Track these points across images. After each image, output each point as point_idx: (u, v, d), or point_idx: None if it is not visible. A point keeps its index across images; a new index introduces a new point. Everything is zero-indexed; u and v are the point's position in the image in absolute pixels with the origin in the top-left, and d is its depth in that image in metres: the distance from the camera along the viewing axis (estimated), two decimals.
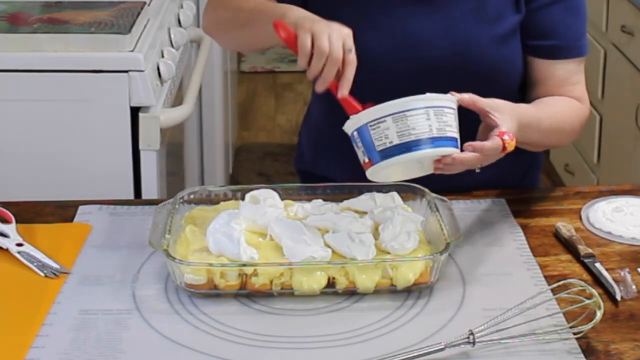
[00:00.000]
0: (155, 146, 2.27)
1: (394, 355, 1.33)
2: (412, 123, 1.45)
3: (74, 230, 1.67)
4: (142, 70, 2.23)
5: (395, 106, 1.46)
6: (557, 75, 1.77)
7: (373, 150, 1.46)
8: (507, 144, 1.51)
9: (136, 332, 1.40)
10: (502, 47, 1.74)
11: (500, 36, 1.74)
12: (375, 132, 1.46)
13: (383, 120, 1.45)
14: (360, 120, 1.47)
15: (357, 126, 1.48)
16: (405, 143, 1.45)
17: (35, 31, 2.30)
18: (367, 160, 1.48)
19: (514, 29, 1.75)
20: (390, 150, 1.45)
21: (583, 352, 1.35)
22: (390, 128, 1.45)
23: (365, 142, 1.47)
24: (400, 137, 1.45)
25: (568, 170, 3.82)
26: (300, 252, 1.46)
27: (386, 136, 1.45)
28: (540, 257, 1.59)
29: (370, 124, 1.46)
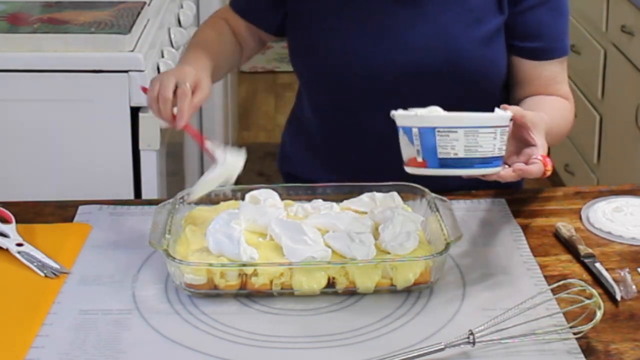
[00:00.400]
0: (155, 146, 2.27)
1: (394, 355, 1.33)
2: (481, 140, 1.46)
3: (74, 230, 1.67)
4: (142, 70, 2.23)
5: (470, 120, 1.46)
6: (544, 75, 1.79)
7: (433, 155, 1.46)
8: (547, 171, 1.54)
9: (136, 332, 1.40)
10: (487, 48, 1.76)
11: (485, 38, 1.75)
12: (443, 138, 1.46)
13: (455, 130, 1.45)
14: (429, 121, 1.47)
15: (423, 125, 1.47)
16: (470, 159, 1.46)
17: (35, 31, 2.30)
18: (422, 160, 1.47)
19: (498, 30, 1.77)
20: (453, 161, 1.46)
21: (583, 352, 1.35)
22: (459, 140, 1.45)
23: (426, 144, 1.47)
24: (466, 151, 1.46)
25: (568, 170, 3.82)
26: (300, 252, 1.46)
27: (452, 147, 1.46)
28: (540, 257, 1.59)
29: (439, 130, 1.46)
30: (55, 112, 2.24)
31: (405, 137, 1.49)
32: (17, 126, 2.26)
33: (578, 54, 3.68)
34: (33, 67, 2.24)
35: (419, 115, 1.48)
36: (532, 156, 1.53)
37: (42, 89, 2.24)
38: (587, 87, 3.61)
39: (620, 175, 3.27)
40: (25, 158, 2.27)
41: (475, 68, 1.74)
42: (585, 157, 3.63)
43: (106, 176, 2.27)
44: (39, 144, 2.26)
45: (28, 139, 2.26)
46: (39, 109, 2.25)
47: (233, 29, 1.90)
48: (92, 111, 2.24)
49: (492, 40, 1.76)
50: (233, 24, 1.90)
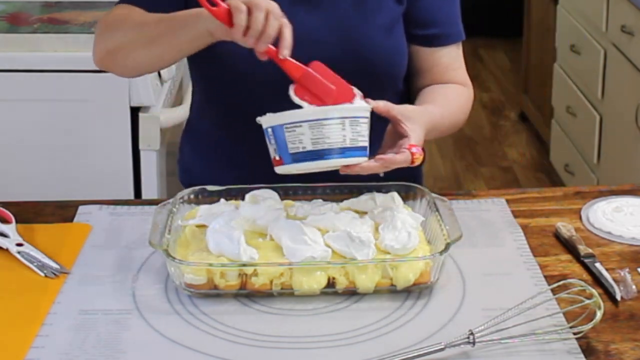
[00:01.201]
0: (155, 146, 2.27)
1: (394, 355, 1.33)
2: (327, 132, 1.49)
3: (74, 230, 1.67)
4: None
5: (314, 113, 1.50)
6: (442, 62, 1.82)
7: (285, 151, 1.50)
8: (415, 159, 1.56)
9: (136, 332, 1.40)
10: (387, 38, 1.77)
11: (384, 27, 1.77)
12: (290, 134, 1.49)
13: (299, 125, 1.49)
14: (276, 120, 1.50)
15: (273, 124, 1.51)
16: (318, 151, 1.49)
17: (35, 31, 2.30)
18: (278, 158, 1.51)
19: (397, 18, 1.78)
20: (302, 155, 1.50)
21: (583, 352, 1.35)
22: (305, 134, 1.49)
23: (278, 142, 1.51)
24: (314, 144, 1.49)
25: (568, 170, 3.81)
26: (300, 252, 1.46)
27: (300, 141, 1.49)
28: (540, 257, 1.59)
29: (286, 126, 1.49)
30: (55, 112, 2.25)
31: (266, 139, 1.53)
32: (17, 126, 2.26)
33: (578, 54, 3.68)
34: (33, 67, 2.24)
35: (270, 115, 1.51)
36: (402, 146, 1.56)
37: (42, 89, 2.24)
38: (587, 87, 3.61)
39: (620, 175, 3.26)
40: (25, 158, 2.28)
41: (378, 58, 1.75)
42: (585, 157, 3.63)
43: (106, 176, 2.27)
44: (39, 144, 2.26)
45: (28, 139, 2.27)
46: (39, 109, 2.25)
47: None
48: (92, 111, 2.24)
49: (393, 30, 1.78)
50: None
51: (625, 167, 3.25)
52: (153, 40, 1.65)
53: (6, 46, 2.25)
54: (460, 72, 1.85)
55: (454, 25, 1.84)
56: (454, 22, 1.84)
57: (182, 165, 1.95)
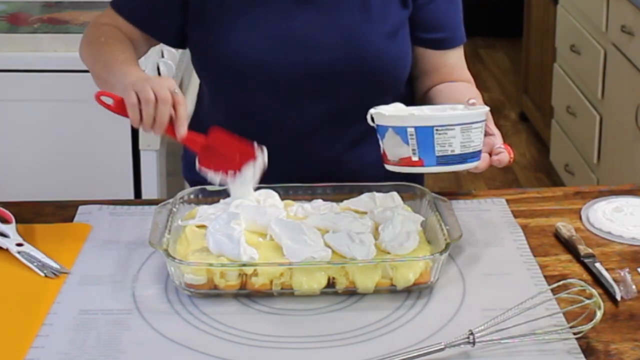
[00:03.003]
0: (155, 146, 2.27)
1: (394, 355, 1.33)
2: (473, 136, 1.51)
3: (74, 230, 1.67)
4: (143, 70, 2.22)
5: (466, 117, 1.51)
6: (449, 63, 1.85)
7: (431, 153, 1.50)
8: (512, 158, 1.61)
9: (136, 332, 1.40)
10: (393, 43, 1.78)
11: (390, 32, 1.77)
12: (441, 136, 1.49)
13: (452, 128, 1.49)
14: (426, 121, 1.50)
15: (420, 124, 1.50)
16: (464, 154, 1.51)
17: (35, 31, 2.30)
18: (418, 159, 1.51)
19: (402, 23, 1.80)
20: (450, 158, 1.50)
21: (583, 352, 1.35)
22: (456, 137, 1.50)
23: (422, 142, 1.50)
24: (462, 147, 1.50)
25: (568, 170, 3.81)
26: (300, 252, 1.46)
27: (450, 144, 1.50)
28: (540, 257, 1.59)
29: (437, 128, 1.49)
30: (55, 112, 2.25)
31: (397, 137, 1.51)
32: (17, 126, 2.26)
33: (578, 54, 3.68)
34: (33, 67, 2.24)
35: (416, 115, 1.52)
36: (494, 146, 1.60)
37: (42, 89, 2.24)
38: (587, 87, 3.61)
39: (620, 175, 3.26)
40: (25, 158, 2.28)
41: (382, 63, 1.76)
42: (585, 157, 3.63)
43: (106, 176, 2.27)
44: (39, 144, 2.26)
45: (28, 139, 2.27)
46: (39, 109, 2.25)
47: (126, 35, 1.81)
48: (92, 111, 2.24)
49: (398, 35, 1.79)
50: (125, 31, 1.80)
51: (625, 167, 3.25)
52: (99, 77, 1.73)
53: (6, 46, 2.25)
54: (465, 71, 1.88)
55: (458, 29, 1.86)
56: (458, 26, 1.86)
57: (186, 161, 1.95)
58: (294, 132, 1.77)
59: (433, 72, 1.85)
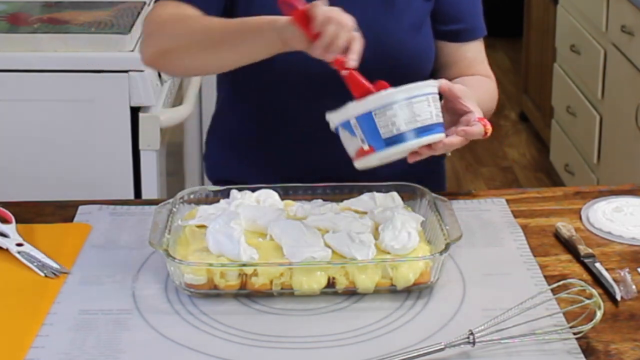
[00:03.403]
0: (155, 146, 2.27)
1: (394, 355, 1.33)
2: (417, 110, 1.47)
3: (74, 230, 1.67)
4: (142, 70, 2.23)
5: (402, 93, 1.47)
6: (467, 56, 1.85)
7: (377, 138, 1.47)
8: (488, 130, 1.57)
9: (136, 332, 1.40)
10: (416, 36, 1.79)
11: (413, 26, 1.78)
12: (381, 119, 1.46)
13: (390, 107, 1.46)
14: (363, 107, 1.47)
15: (359, 113, 1.47)
16: (411, 130, 1.47)
17: (35, 31, 2.30)
18: (368, 147, 1.48)
19: (425, 17, 1.80)
20: (397, 137, 1.47)
21: (583, 352, 1.35)
22: (397, 115, 1.46)
23: (367, 129, 1.47)
24: (407, 124, 1.47)
25: (568, 170, 3.81)
26: (300, 252, 1.46)
27: (393, 123, 1.46)
28: (540, 257, 1.59)
29: (375, 112, 1.46)
30: (55, 112, 2.25)
31: (345, 132, 1.49)
32: (17, 126, 2.26)
33: (578, 54, 3.68)
34: (33, 67, 2.24)
35: (351, 105, 1.48)
36: (471, 120, 1.57)
37: (42, 89, 2.24)
38: (587, 87, 3.61)
39: (620, 175, 3.27)
40: (25, 158, 2.28)
41: (407, 57, 1.77)
42: (585, 157, 3.63)
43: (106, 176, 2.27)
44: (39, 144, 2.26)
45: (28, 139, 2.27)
46: (39, 109, 2.25)
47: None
48: (92, 111, 2.24)
49: (422, 28, 1.79)
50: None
51: (625, 167, 3.25)
52: (217, 44, 1.63)
53: (6, 46, 2.25)
54: (484, 65, 1.87)
55: (477, 21, 1.86)
56: (477, 17, 1.86)
57: (208, 161, 1.96)
58: (319, 127, 1.74)
59: (452, 65, 1.85)
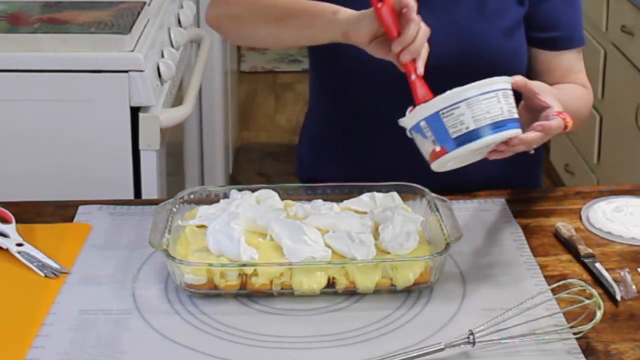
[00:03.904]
0: (155, 146, 2.27)
1: (394, 355, 1.33)
2: (486, 107, 1.45)
3: (74, 230, 1.67)
4: (142, 70, 2.23)
5: (469, 91, 1.46)
6: (563, 65, 1.82)
7: (447, 138, 1.45)
8: (568, 123, 1.53)
9: (136, 332, 1.40)
10: (508, 40, 1.77)
11: (505, 30, 1.77)
12: (449, 119, 1.45)
13: (457, 106, 1.45)
14: (431, 108, 1.46)
15: (427, 114, 1.46)
16: (481, 128, 1.45)
17: (35, 31, 2.30)
18: (440, 149, 1.46)
19: (519, 22, 1.79)
20: (468, 135, 1.45)
21: (583, 352, 1.35)
22: (465, 114, 1.44)
23: (437, 131, 1.45)
24: (476, 121, 1.44)
25: (568, 170, 3.82)
26: (300, 252, 1.46)
27: (461, 122, 1.44)
28: (540, 257, 1.59)
29: (443, 112, 1.45)
30: (55, 112, 2.24)
31: (418, 135, 1.48)
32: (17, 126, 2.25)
33: None
34: (33, 67, 2.24)
35: (419, 107, 1.48)
36: (550, 115, 1.53)
37: (42, 89, 2.24)
38: None
39: (620, 175, 3.27)
40: (25, 158, 2.27)
41: (497, 61, 1.75)
42: (585, 157, 3.63)
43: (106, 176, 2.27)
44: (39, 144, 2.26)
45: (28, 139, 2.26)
46: (39, 109, 2.25)
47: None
48: (92, 111, 2.24)
49: (513, 33, 1.78)
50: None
51: (625, 167, 3.25)
52: (279, 20, 1.65)
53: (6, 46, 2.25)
54: (581, 75, 1.84)
55: (576, 29, 1.83)
56: (576, 27, 1.83)
57: (298, 158, 1.98)
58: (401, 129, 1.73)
59: (546, 73, 1.82)
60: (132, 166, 2.28)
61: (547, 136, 1.52)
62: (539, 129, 1.50)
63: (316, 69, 1.88)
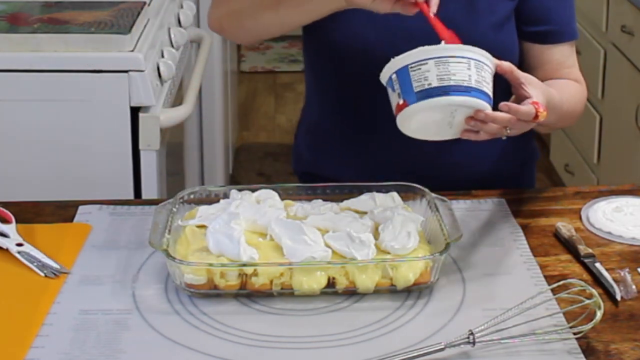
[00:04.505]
0: (155, 146, 2.26)
1: (394, 355, 1.33)
2: (453, 69, 1.45)
3: (74, 230, 1.67)
4: (142, 70, 2.23)
5: (439, 50, 1.47)
6: (555, 59, 1.82)
7: (410, 92, 1.46)
8: (539, 113, 1.52)
9: (136, 332, 1.40)
10: (498, 34, 1.77)
11: (495, 25, 1.77)
12: (416, 73, 1.46)
13: (425, 62, 1.46)
14: (402, 62, 1.47)
15: (398, 67, 1.47)
16: (444, 86, 1.45)
17: (35, 31, 2.30)
18: (402, 101, 1.47)
19: (508, 16, 1.79)
20: (429, 91, 1.45)
21: (583, 352, 1.35)
22: (431, 70, 1.45)
23: (403, 84, 1.47)
24: (439, 80, 1.45)
25: (568, 170, 3.82)
26: (300, 252, 1.46)
27: (425, 78, 1.45)
28: (540, 257, 1.59)
29: (411, 66, 1.46)
30: (55, 112, 2.24)
31: (389, 89, 1.49)
32: (17, 126, 2.25)
33: (578, 54, 3.67)
34: (33, 67, 2.24)
35: (391, 60, 1.48)
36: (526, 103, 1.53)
37: (42, 89, 2.24)
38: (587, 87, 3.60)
39: (620, 175, 3.27)
40: (25, 158, 2.27)
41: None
42: (585, 157, 3.63)
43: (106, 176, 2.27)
44: (39, 144, 2.26)
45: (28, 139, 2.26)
46: (39, 109, 2.24)
47: None
48: (92, 111, 2.24)
49: (503, 26, 1.78)
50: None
51: (625, 167, 3.25)
52: (280, 3, 1.66)
53: (6, 46, 2.25)
54: (574, 70, 1.84)
55: (567, 23, 1.83)
56: (567, 20, 1.83)
57: (295, 151, 1.98)
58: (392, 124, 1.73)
59: (538, 67, 1.82)
60: (132, 166, 2.28)
61: (516, 121, 1.50)
62: (505, 108, 1.49)
63: (311, 64, 1.88)
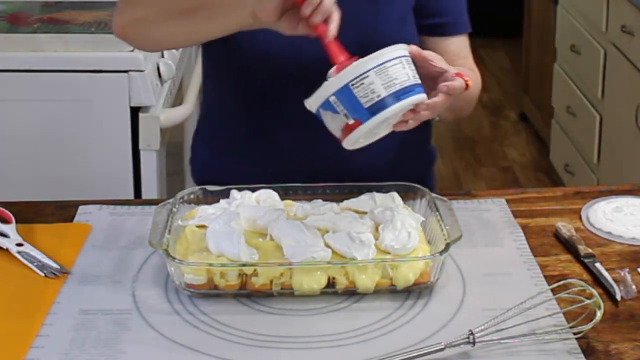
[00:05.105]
0: (155, 146, 2.27)
1: (394, 355, 1.33)
2: (393, 73, 1.44)
3: (74, 230, 1.67)
4: (142, 70, 2.23)
5: (375, 59, 1.44)
6: (450, 50, 1.84)
7: (360, 109, 1.43)
8: (468, 82, 1.56)
9: (136, 332, 1.40)
10: (402, 28, 1.79)
11: (397, 20, 1.78)
12: (359, 89, 1.43)
13: (366, 75, 1.43)
14: (339, 82, 1.44)
15: (336, 88, 1.44)
16: (393, 93, 1.44)
17: (35, 31, 2.30)
18: (353, 121, 1.44)
19: (408, 10, 1.80)
20: (381, 103, 1.43)
21: (583, 352, 1.35)
22: (374, 82, 1.43)
23: (347, 103, 1.43)
24: (386, 88, 1.43)
25: (568, 170, 3.82)
26: (300, 252, 1.46)
27: (372, 91, 1.43)
28: (540, 257, 1.59)
29: (352, 83, 1.43)
30: (55, 112, 2.25)
31: (328, 113, 1.46)
32: (17, 126, 2.26)
33: (578, 54, 3.68)
34: (33, 67, 2.24)
35: (326, 83, 1.45)
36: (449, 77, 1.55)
37: (42, 89, 2.24)
38: (587, 87, 3.61)
39: (620, 175, 3.27)
40: (25, 158, 2.28)
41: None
42: (585, 157, 3.63)
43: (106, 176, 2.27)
44: (39, 144, 2.26)
45: (28, 139, 2.27)
46: (39, 109, 2.25)
47: None
48: (92, 111, 2.24)
49: (405, 21, 1.80)
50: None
51: (625, 167, 3.25)
52: (187, 14, 1.62)
53: (6, 46, 2.25)
54: (469, 60, 1.87)
55: (460, 15, 1.86)
56: (459, 13, 1.86)
57: (193, 163, 1.94)
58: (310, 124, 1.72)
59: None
60: (132, 166, 2.28)
61: (450, 98, 1.54)
62: (444, 89, 1.52)
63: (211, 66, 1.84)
